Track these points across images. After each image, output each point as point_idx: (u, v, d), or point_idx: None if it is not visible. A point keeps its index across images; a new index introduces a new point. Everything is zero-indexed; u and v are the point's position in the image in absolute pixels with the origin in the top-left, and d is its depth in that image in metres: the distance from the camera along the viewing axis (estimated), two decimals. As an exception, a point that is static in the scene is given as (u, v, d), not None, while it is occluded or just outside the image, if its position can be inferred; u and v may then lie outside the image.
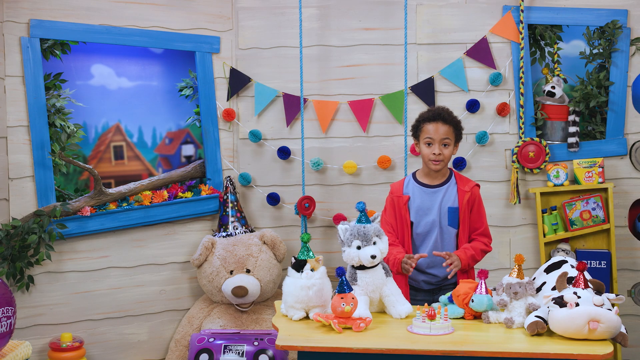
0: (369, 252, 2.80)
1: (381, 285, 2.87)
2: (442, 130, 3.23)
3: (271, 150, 4.38)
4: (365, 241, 2.81)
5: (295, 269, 2.89)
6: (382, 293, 2.88)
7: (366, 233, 2.81)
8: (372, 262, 2.82)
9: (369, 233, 2.81)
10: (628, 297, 4.28)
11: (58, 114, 3.95)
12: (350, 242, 2.83)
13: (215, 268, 4.07)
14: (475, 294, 2.83)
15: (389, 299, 2.87)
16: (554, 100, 4.28)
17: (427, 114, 3.31)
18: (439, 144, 3.23)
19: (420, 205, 3.30)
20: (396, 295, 2.88)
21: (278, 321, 2.88)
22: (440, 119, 3.25)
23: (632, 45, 4.24)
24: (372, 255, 2.80)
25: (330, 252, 4.39)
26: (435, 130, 3.23)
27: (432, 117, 3.27)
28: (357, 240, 2.82)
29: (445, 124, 3.24)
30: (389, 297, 2.87)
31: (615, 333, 2.59)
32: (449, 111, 3.30)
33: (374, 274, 2.86)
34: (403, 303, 2.87)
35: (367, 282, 2.86)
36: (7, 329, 3.07)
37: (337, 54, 4.35)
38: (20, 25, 3.85)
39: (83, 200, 4.00)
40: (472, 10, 4.30)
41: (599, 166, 4.18)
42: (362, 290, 2.87)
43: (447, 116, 3.27)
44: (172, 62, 4.28)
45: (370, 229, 2.82)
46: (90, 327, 4.09)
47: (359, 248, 2.82)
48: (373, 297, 2.89)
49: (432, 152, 3.24)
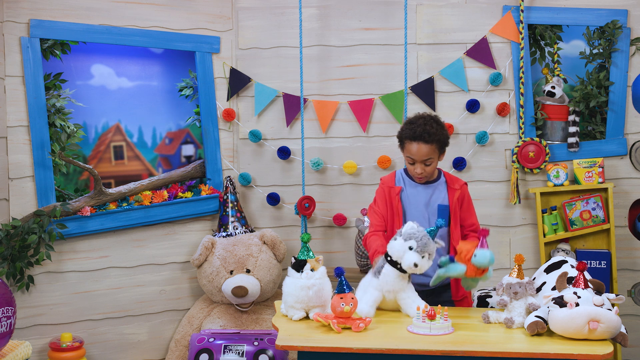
0: (414, 259, 2.79)
1: (400, 290, 2.88)
2: (424, 152, 3.12)
3: (271, 150, 4.38)
4: (420, 249, 2.80)
5: (295, 269, 2.89)
6: (398, 296, 2.88)
7: (427, 244, 2.81)
8: (411, 269, 2.82)
9: (428, 247, 2.81)
10: (628, 297, 4.27)
11: (58, 114, 3.95)
12: (407, 239, 2.82)
13: (215, 268, 4.07)
14: (478, 249, 2.82)
15: (404, 302, 2.88)
16: (554, 100, 4.28)
17: (408, 131, 3.15)
18: (421, 164, 3.15)
19: (409, 198, 3.23)
20: (412, 299, 2.88)
21: (278, 321, 2.88)
22: (421, 140, 3.11)
23: (632, 45, 4.24)
24: (415, 263, 2.79)
25: (330, 252, 4.39)
26: (417, 152, 3.12)
27: (413, 136, 3.12)
28: (414, 242, 2.81)
29: (427, 144, 3.11)
30: (405, 300, 2.88)
31: (615, 333, 2.59)
32: (431, 128, 3.13)
33: (401, 278, 2.87)
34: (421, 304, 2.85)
35: (389, 280, 2.86)
36: (7, 329, 3.07)
37: (337, 54, 4.35)
38: (20, 25, 3.85)
39: (83, 200, 4.00)
40: (472, 10, 4.30)
41: (599, 166, 4.18)
42: (378, 285, 2.87)
43: (428, 137, 3.10)
44: (172, 62, 4.28)
45: (431, 246, 2.82)
46: (90, 327, 4.08)
47: (411, 249, 2.81)
48: (387, 297, 2.89)
49: (414, 169, 3.17)
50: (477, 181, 4.31)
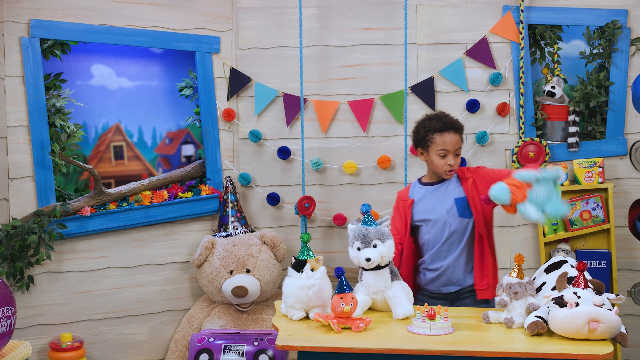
0: (364, 254, 2.81)
1: (385, 287, 2.87)
2: (455, 141, 3.16)
3: (271, 150, 4.38)
4: (364, 243, 2.81)
5: (295, 269, 2.90)
6: (386, 295, 2.88)
7: (366, 235, 2.81)
8: (367, 265, 2.82)
9: (369, 235, 2.81)
10: (628, 297, 4.27)
11: (58, 114, 3.95)
12: (352, 243, 2.84)
13: (215, 268, 4.07)
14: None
15: (392, 302, 2.88)
16: (554, 100, 4.28)
17: (436, 124, 3.18)
18: (453, 155, 3.17)
19: (425, 206, 3.26)
20: (399, 298, 2.87)
21: (278, 321, 2.88)
22: (452, 129, 3.16)
23: (632, 45, 4.24)
24: (366, 258, 2.80)
25: (330, 252, 4.39)
26: (450, 142, 3.15)
27: (444, 127, 3.16)
28: (357, 241, 2.83)
29: (456, 133, 3.17)
30: (392, 299, 2.87)
31: (615, 333, 2.59)
32: (454, 118, 3.23)
33: (379, 276, 2.87)
34: (404, 305, 2.86)
35: (370, 283, 2.88)
36: (7, 329, 3.07)
37: (337, 54, 4.35)
38: (20, 25, 3.85)
39: (83, 200, 4.00)
40: (472, 10, 4.30)
41: (599, 166, 4.18)
42: (364, 290, 2.87)
43: (457, 124, 3.19)
44: (172, 62, 4.28)
45: (372, 232, 2.82)
46: (90, 327, 4.09)
47: (359, 249, 2.83)
48: (376, 299, 2.90)
49: (447, 163, 3.16)
50: (477, 181, 4.31)
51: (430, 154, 3.21)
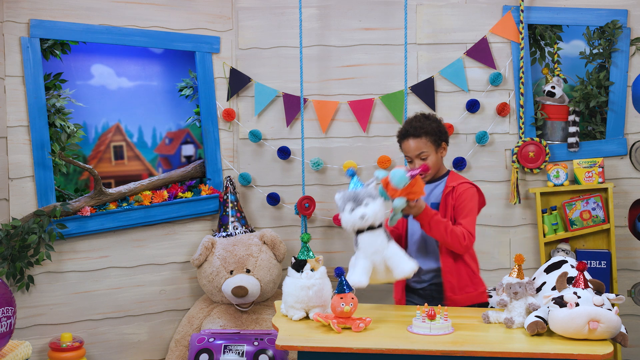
0: (358, 213, 2.79)
1: (382, 247, 2.83)
2: (414, 147, 3.14)
3: (271, 150, 4.38)
4: (356, 203, 2.81)
5: (295, 269, 2.89)
6: (385, 255, 2.84)
7: (357, 195, 2.81)
8: (362, 222, 2.80)
9: (359, 195, 2.81)
10: (628, 297, 4.28)
11: (58, 114, 3.95)
12: (343, 208, 2.83)
13: (215, 268, 4.07)
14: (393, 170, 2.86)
15: (392, 260, 2.84)
16: (554, 100, 4.28)
17: (400, 131, 3.21)
18: (416, 160, 3.16)
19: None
20: (400, 256, 2.84)
21: (278, 321, 2.88)
22: (409, 136, 3.15)
23: (632, 45, 4.24)
24: (360, 216, 2.79)
25: (330, 252, 4.39)
26: (408, 148, 3.16)
27: (403, 134, 3.18)
28: (349, 203, 2.82)
29: (415, 138, 3.13)
30: (392, 257, 2.84)
31: (615, 333, 2.59)
32: (417, 122, 3.16)
33: (374, 236, 2.83)
34: (407, 261, 2.83)
35: (367, 243, 2.83)
36: (7, 329, 3.07)
37: (337, 54, 4.35)
38: (20, 25, 3.85)
39: (83, 200, 4.00)
40: (472, 10, 4.30)
41: (599, 166, 4.18)
42: (362, 254, 2.85)
43: (415, 131, 3.13)
44: (172, 62, 4.28)
45: (362, 192, 2.82)
46: (90, 327, 4.09)
47: (352, 211, 2.82)
48: (375, 260, 2.84)
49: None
50: (477, 181, 4.29)
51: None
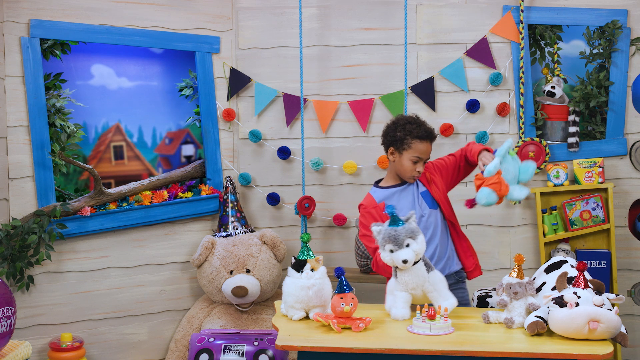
0: (400, 256, 2.77)
1: (422, 282, 2.82)
2: (430, 150, 3.22)
3: (271, 150, 4.38)
4: (397, 245, 2.79)
5: (295, 269, 2.89)
6: (424, 289, 2.84)
7: (397, 237, 2.78)
8: (405, 267, 2.79)
9: (399, 237, 2.78)
10: (628, 297, 4.27)
11: (58, 114, 3.95)
12: (384, 246, 2.81)
13: (215, 268, 4.07)
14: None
15: (432, 295, 2.83)
16: (554, 100, 4.28)
17: (417, 130, 3.20)
18: (423, 162, 3.21)
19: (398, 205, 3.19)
20: (439, 291, 2.83)
21: (278, 321, 2.88)
22: (430, 139, 3.20)
23: (632, 45, 4.24)
24: (403, 260, 2.77)
25: (330, 252, 4.39)
26: (426, 151, 3.20)
27: (425, 136, 3.19)
28: (389, 244, 2.81)
29: (431, 143, 3.23)
30: (431, 293, 2.83)
31: (615, 333, 2.59)
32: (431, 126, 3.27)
33: (414, 271, 2.82)
34: (446, 298, 2.83)
35: (407, 280, 2.82)
36: (7, 329, 3.07)
37: (337, 54, 4.35)
38: (20, 25, 3.85)
39: (83, 200, 4.00)
40: (472, 10, 4.30)
41: (599, 166, 4.18)
42: (403, 287, 2.84)
43: (434, 135, 3.24)
44: (172, 62, 4.28)
45: (402, 232, 2.78)
46: (90, 327, 4.09)
47: (392, 252, 2.80)
48: (415, 294, 2.85)
49: (416, 169, 3.20)
50: (477, 181, 4.31)
51: (402, 156, 3.22)
